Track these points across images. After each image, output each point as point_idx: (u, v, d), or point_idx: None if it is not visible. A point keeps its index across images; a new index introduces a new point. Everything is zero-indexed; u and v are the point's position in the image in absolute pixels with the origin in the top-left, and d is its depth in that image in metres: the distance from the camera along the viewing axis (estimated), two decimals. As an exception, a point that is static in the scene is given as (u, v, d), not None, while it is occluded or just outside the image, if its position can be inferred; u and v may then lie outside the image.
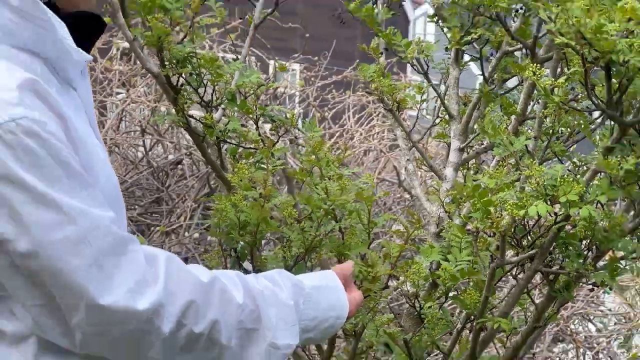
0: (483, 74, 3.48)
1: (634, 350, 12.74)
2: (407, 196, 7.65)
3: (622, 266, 2.96)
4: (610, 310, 12.11)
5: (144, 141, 8.96)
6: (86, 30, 2.37)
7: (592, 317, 11.49)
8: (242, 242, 2.84)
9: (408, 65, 3.84)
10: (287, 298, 2.40)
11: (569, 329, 9.68)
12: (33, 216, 1.99)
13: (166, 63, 3.06)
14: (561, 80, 2.83)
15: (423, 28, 29.58)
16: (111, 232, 2.11)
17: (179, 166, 9.58)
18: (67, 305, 2.05)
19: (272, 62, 8.65)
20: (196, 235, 8.32)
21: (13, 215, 1.99)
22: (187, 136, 8.61)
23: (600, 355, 11.73)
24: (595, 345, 10.86)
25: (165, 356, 2.23)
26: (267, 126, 3.54)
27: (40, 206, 2.00)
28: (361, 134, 9.93)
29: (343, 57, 10.92)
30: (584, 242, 2.88)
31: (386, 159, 9.82)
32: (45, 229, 2.00)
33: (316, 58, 10.20)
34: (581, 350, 9.96)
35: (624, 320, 12.13)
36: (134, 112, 8.62)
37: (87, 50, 2.35)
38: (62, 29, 2.17)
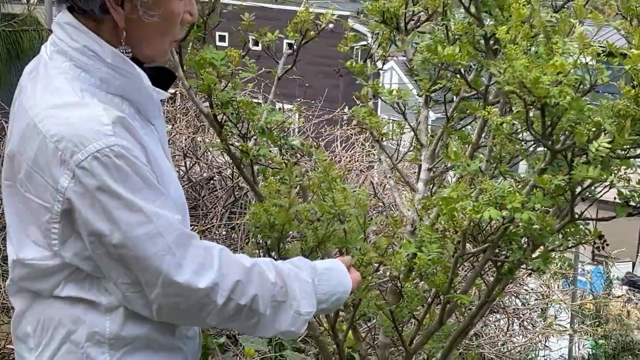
0: (446, 114, 3.52)
1: (549, 320, 12.83)
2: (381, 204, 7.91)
3: (552, 257, 2.98)
4: (532, 289, 12.18)
5: (185, 163, 9.29)
6: (162, 79, 2.38)
7: (518, 295, 11.56)
8: (271, 238, 2.84)
9: (379, 106, 3.87)
10: (307, 276, 2.40)
11: (501, 303, 9.80)
12: (123, 218, 2.04)
13: (214, 105, 3.08)
14: (508, 118, 2.85)
15: (389, 78, 30.48)
16: (179, 229, 2.16)
17: (211, 181, 9.89)
18: (147, 282, 2.10)
19: (279, 104, 9.02)
20: (223, 232, 8.50)
21: (108, 217, 2.04)
22: (218, 158, 9.54)
23: (525, 323, 11.83)
24: (521, 315, 11.04)
25: (218, 323, 2.38)
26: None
27: (128, 210, 2.05)
28: (346, 158, 10.38)
29: (330, 101, 11.60)
30: (524, 238, 2.91)
31: (365, 176, 10.15)
32: (131, 227, 2.05)
33: (313, 101, 10.90)
34: (510, 319, 10.16)
35: (541, 297, 12.26)
36: (177, 141, 8.88)
37: (162, 78, 2.38)
38: (145, 79, 2.21)
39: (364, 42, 3.59)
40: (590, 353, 15.69)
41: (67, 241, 2.11)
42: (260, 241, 2.92)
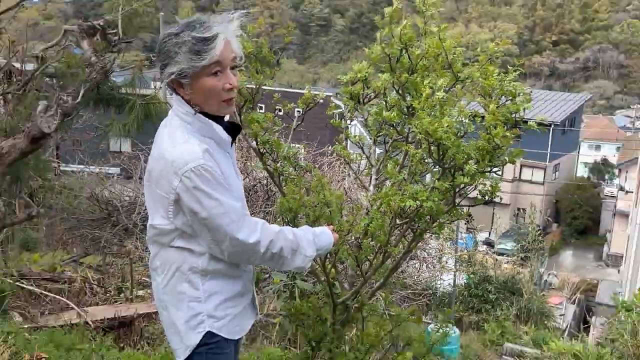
0: (385, 149, 3.42)
1: (442, 263, 12.77)
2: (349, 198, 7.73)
3: (443, 227, 3.00)
4: (433, 246, 12.10)
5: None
6: (235, 128, 2.36)
7: (425, 249, 11.48)
8: (289, 216, 2.83)
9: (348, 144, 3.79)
10: (310, 236, 2.40)
11: (416, 254, 9.74)
12: (206, 203, 2.11)
13: (258, 143, 3.02)
14: (419, 150, 2.83)
15: (354, 129, 29.57)
16: (238, 210, 2.20)
17: (255, 187, 9.64)
18: (220, 239, 2.17)
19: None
20: (262, 215, 8.39)
21: (199, 203, 2.12)
22: (259, 174, 9.37)
23: (430, 266, 11.76)
24: (427, 261, 10.93)
25: (261, 262, 2.40)
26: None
27: (209, 199, 2.11)
28: (330, 174, 10.22)
29: (321, 142, 11.36)
30: (428, 216, 2.84)
31: (340, 184, 9.94)
32: (211, 208, 2.12)
33: (312, 142, 10.83)
34: (421, 263, 10.04)
35: (438, 251, 12.16)
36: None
37: (235, 136, 2.37)
38: (216, 126, 2.22)
39: (340, 110, 3.57)
40: (465, 282, 15.63)
41: (176, 216, 2.18)
42: (283, 218, 2.89)
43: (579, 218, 38.61)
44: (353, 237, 3.04)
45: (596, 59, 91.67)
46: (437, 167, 2.85)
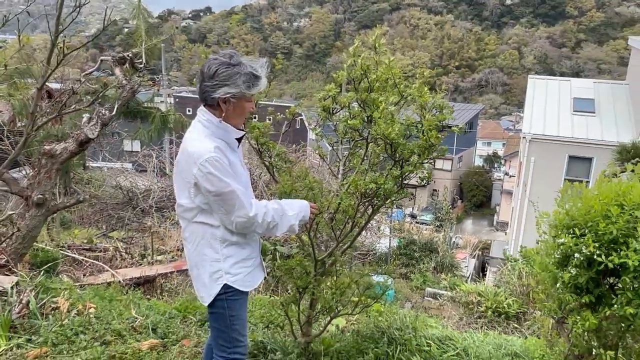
0: (350, 147, 3.38)
1: (381, 231, 12.90)
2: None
3: (392, 203, 3.01)
4: (375, 218, 12.19)
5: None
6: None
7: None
8: (283, 196, 2.77)
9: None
10: (293, 207, 2.44)
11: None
12: (217, 185, 2.15)
13: (258, 144, 2.99)
14: (378, 148, 2.89)
15: (311, 135, 29.02)
16: (243, 191, 2.22)
17: (253, 176, 9.48)
18: (229, 212, 2.22)
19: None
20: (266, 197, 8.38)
21: (212, 184, 2.15)
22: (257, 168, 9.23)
23: (372, 233, 11.86)
24: (370, 230, 10.98)
25: (260, 230, 2.34)
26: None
27: (219, 181, 2.15)
28: (311, 165, 10.10)
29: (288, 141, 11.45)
30: (383, 195, 2.86)
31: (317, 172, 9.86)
32: (222, 188, 2.16)
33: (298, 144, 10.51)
34: (366, 232, 10.07)
35: (378, 221, 12.22)
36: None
37: (240, 139, 2.37)
38: (231, 131, 2.28)
39: (301, 117, 3.55)
40: (397, 244, 15.86)
41: (196, 196, 2.22)
42: (280, 198, 2.79)
43: (476, 196, 39.61)
44: (327, 214, 2.99)
45: (487, 79, 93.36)
46: (390, 159, 2.88)
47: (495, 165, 47.51)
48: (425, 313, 6.94)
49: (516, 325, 6.27)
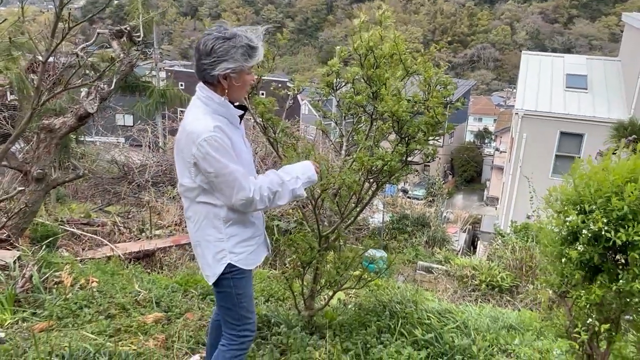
0: (353, 123, 3.35)
1: (374, 206, 12.89)
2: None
3: (398, 179, 2.97)
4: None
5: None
6: (242, 108, 2.29)
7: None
8: None
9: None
10: (292, 173, 2.31)
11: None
12: (216, 165, 2.07)
13: (263, 119, 2.95)
14: (386, 125, 2.87)
15: (307, 109, 28.57)
16: (242, 172, 2.12)
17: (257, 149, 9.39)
18: (229, 195, 2.14)
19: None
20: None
21: (210, 165, 2.07)
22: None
23: (367, 208, 11.84)
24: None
25: (263, 206, 2.22)
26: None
27: (217, 162, 2.06)
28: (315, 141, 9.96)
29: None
30: (388, 171, 2.83)
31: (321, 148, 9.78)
32: (220, 169, 2.08)
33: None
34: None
35: None
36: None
37: (242, 115, 2.30)
38: (232, 109, 2.20)
39: (291, 92, 3.52)
40: (389, 219, 15.95)
41: (197, 176, 2.14)
42: None
43: (467, 171, 39.79)
44: (331, 190, 3.00)
45: (479, 54, 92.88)
46: (396, 136, 2.85)
47: (486, 141, 47.65)
48: (419, 286, 7.02)
49: (509, 298, 6.37)
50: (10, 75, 4.13)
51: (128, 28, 4.52)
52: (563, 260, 2.29)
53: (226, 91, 2.17)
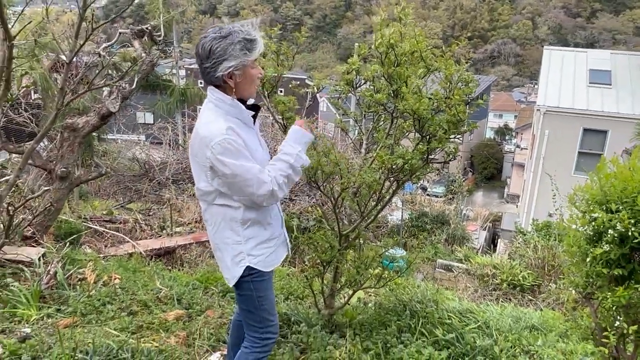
0: (373, 121, 3.33)
1: (394, 204, 12.80)
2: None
3: (418, 178, 2.95)
4: None
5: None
6: (255, 107, 2.27)
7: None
8: (311, 172, 2.74)
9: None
10: (290, 151, 2.22)
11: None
12: (232, 167, 2.03)
13: (283, 119, 2.93)
14: (407, 123, 2.85)
15: (325, 106, 28.48)
16: (259, 169, 2.08)
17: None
18: (249, 193, 2.10)
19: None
20: None
21: (227, 167, 2.03)
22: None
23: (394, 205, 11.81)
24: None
25: (283, 193, 2.18)
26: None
27: (235, 164, 2.03)
28: (334, 139, 9.92)
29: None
30: (409, 170, 2.79)
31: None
32: (237, 169, 2.04)
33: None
34: None
35: None
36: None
37: (255, 114, 2.27)
38: (244, 109, 2.16)
39: (310, 89, 3.50)
40: (408, 216, 15.86)
41: (214, 179, 2.11)
42: (307, 173, 2.73)
43: (487, 168, 39.37)
44: (351, 188, 2.97)
45: (499, 50, 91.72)
46: (417, 134, 2.82)
47: (507, 138, 47.05)
48: (438, 285, 6.96)
49: (531, 298, 6.29)
50: (34, 75, 4.20)
51: (149, 27, 4.57)
52: (588, 260, 2.25)
53: (234, 90, 2.14)
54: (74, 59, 5.42)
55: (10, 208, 1.83)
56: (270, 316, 2.33)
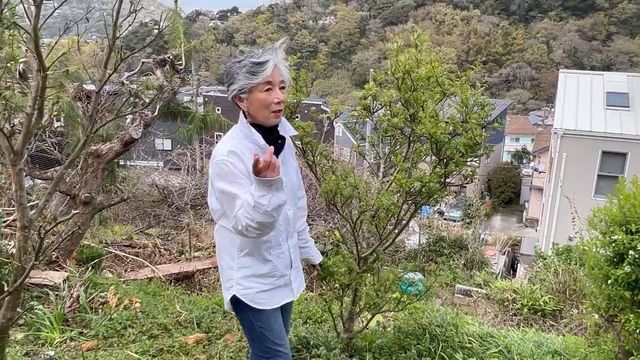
0: (390, 145, 3.36)
1: (410, 228, 12.68)
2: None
3: (436, 200, 2.94)
4: None
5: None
6: (273, 134, 2.13)
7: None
8: (329, 195, 2.79)
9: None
10: (251, 196, 1.88)
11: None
12: (220, 187, 1.96)
13: (303, 144, 2.99)
14: (424, 146, 2.88)
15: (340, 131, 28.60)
16: (242, 202, 1.90)
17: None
18: (228, 216, 2.01)
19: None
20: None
21: (216, 187, 1.99)
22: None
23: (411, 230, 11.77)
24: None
25: (251, 236, 1.96)
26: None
27: (222, 188, 1.96)
28: (352, 164, 9.88)
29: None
30: (427, 193, 2.81)
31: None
32: (222, 192, 1.97)
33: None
34: None
35: None
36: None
37: (277, 139, 2.14)
38: (255, 134, 2.05)
39: (327, 114, 3.53)
40: (426, 241, 15.74)
41: (213, 196, 2.09)
42: (326, 197, 2.82)
43: (505, 192, 38.99)
44: (369, 211, 2.99)
45: (514, 73, 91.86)
46: (434, 157, 2.85)
47: (524, 161, 46.68)
48: (457, 310, 6.88)
49: (553, 323, 6.17)
50: (62, 104, 4.35)
51: (171, 57, 4.72)
52: (609, 281, 2.24)
53: (247, 113, 2.09)
54: (99, 91, 5.62)
55: (41, 231, 1.90)
56: (277, 346, 2.20)
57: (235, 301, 2.14)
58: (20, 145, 2.17)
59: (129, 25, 2.17)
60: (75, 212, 2.60)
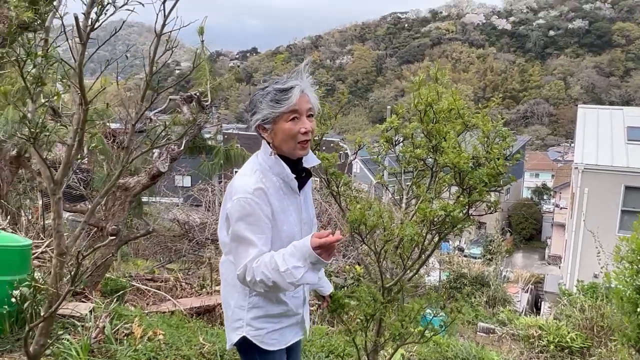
0: (413, 176, 3.39)
1: (431, 265, 12.58)
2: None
3: (460, 230, 2.98)
4: None
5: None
6: (297, 166, 1.99)
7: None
8: (355, 224, 2.80)
9: (386, 173, 3.85)
10: (288, 261, 1.73)
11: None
12: (236, 227, 1.83)
13: (327, 175, 3.03)
14: (448, 175, 2.93)
15: (358, 168, 28.74)
16: (258, 252, 1.80)
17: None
18: (236, 262, 1.86)
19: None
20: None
21: (232, 224, 1.86)
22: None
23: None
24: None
25: (257, 289, 1.85)
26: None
27: (240, 227, 1.82)
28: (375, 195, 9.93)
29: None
30: (451, 222, 2.83)
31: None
32: (236, 233, 1.84)
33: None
34: None
35: None
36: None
37: (302, 171, 2.02)
38: (285, 167, 1.92)
39: (346, 150, 3.58)
40: (446, 278, 15.53)
41: (228, 230, 1.93)
42: (352, 225, 2.79)
43: (525, 228, 38.43)
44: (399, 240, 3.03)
45: (532, 110, 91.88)
46: (458, 187, 2.89)
47: (545, 197, 46.12)
48: (482, 345, 6.73)
49: (581, 361, 6.01)
50: (94, 140, 4.53)
51: (197, 93, 4.89)
52: (639, 310, 2.23)
53: (272, 144, 1.93)
54: (118, 125, 5.81)
55: (79, 256, 1.97)
56: None
57: (243, 341, 2.00)
58: (60, 175, 2.28)
59: (166, 62, 2.29)
60: (112, 237, 2.69)
